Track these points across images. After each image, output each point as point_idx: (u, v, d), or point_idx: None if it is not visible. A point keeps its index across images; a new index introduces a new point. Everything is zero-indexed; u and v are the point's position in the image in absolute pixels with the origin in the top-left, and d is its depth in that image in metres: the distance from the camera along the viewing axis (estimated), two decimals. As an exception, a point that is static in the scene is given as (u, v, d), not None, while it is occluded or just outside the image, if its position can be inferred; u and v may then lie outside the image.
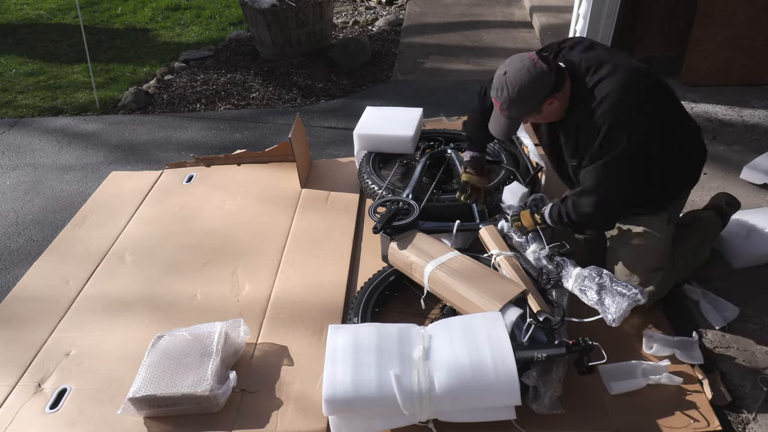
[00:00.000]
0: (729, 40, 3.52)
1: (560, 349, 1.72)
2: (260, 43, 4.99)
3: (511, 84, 1.80)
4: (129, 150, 3.80)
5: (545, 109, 1.87)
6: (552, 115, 1.91)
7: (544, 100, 1.83)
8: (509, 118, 1.91)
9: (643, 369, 1.87)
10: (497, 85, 1.85)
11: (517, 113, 1.88)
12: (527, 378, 1.72)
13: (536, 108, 1.85)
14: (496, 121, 1.98)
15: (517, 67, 1.80)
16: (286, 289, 2.37)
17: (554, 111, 1.89)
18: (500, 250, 2.12)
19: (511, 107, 1.84)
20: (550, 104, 1.85)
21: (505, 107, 1.85)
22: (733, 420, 1.78)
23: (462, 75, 4.56)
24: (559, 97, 1.84)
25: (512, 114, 1.88)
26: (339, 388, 1.64)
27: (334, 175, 3.13)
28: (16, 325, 2.30)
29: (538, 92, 1.80)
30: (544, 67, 1.79)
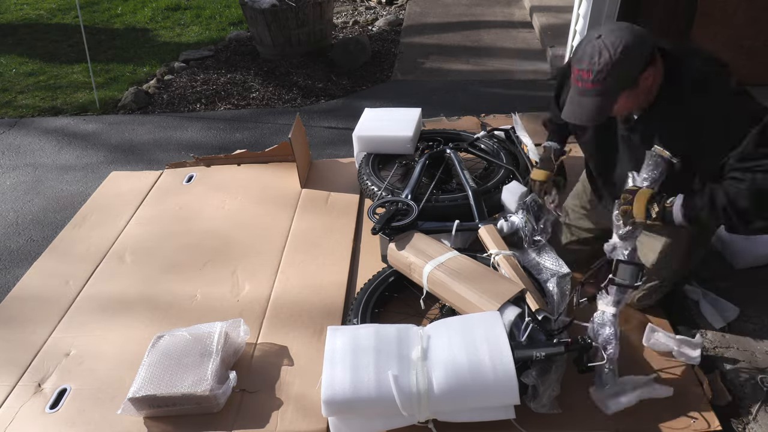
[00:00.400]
0: (729, 40, 3.52)
1: (559, 348, 1.72)
2: (260, 43, 4.99)
3: (612, 45, 1.50)
4: (129, 150, 3.80)
5: (640, 86, 1.57)
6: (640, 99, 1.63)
7: (645, 69, 1.55)
8: (602, 93, 1.56)
9: (634, 383, 1.82)
10: (590, 52, 1.53)
11: (616, 84, 1.54)
12: (526, 377, 1.72)
13: (635, 78, 1.55)
14: (578, 105, 1.61)
15: (613, 28, 1.53)
16: (286, 289, 2.37)
17: (646, 92, 1.61)
18: (499, 249, 2.12)
19: (611, 75, 1.52)
20: (646, 79, 1.57)
21: (602, 77, 1.52)
22: (733, 420, 1.78)
23: (462, 75, 4.56)
24: (656, 71, 1.58)
25: (608, 85, 1.54)
26: (338, 390, 1.64)
27: (334, 175, 3.13)
28: (16, 325, 2.30)
29: (641, 54, 1.53)
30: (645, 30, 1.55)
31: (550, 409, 1.76)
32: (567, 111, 1.66)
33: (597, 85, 1.55)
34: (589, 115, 1.60)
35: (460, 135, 3.03)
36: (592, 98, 1.58)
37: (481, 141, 2.89)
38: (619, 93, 1.58)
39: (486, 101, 3.94)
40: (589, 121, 1.62)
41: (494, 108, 3.71)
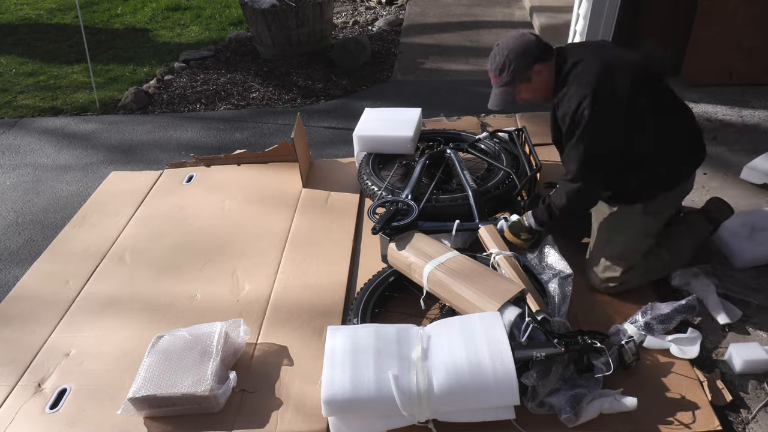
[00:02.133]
0: (729, 40, 3.52)
1: (559, 349, 1.72)
2: (260, 43, 4.99)
3: (502, 49, 2.01)
4: (129, 150, 3.80)
5: (534, 78, 2.02)
6: (541, 87, 2.04)
7: (533, 65, 1.99)
8: (503, 85, 2.04)
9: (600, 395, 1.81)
10: (491, 55, 2.06)
11: (509, 77, 2.02)
12: (526, 378, 1.72)
13: (526, 72, 2.00)
14: (492, 95, 2.10)
15: (507, 37, 2.04)
16: (286, 289, 2.37)
17: (543, 82, 2.03)
18: (499, 249, 2.12)
19: (504, 71, 2.01)
20: (539, 73, 2.00)
21: (497, 73, 2.03)
22: (733, 420, 1.78)
23: (462, 75, 4.56)
24: (547, 67, 2.00)
25: (505, 79, 2.02)
26: (338, 390, 1.64)
27: (334, 175, 3.13)
28: (16, 325, 2.30)
29: (527, 55, 1.98)
30: (532, 37, 2.02)
31: (549, 410, 1.76)
32: (490, 101, 2.12)
33: (497, 79, 2.06)
34: (498, 101, 2.09)
35: (460, 135, 3.03)
36: (499, 89, 2.08)
37: (482, 142, 2.89)
38: (516, 84, 2.04)
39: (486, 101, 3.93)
40: (498, 105, 2.09)
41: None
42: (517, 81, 2.03)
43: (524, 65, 2.00)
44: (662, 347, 1.96)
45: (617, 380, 1.83)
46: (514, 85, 2.05)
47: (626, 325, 2.00)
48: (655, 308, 2.01)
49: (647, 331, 1.97)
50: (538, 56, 1.99)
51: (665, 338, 1.96)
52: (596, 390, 1.79)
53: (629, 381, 1.85)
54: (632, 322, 2.00)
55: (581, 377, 1.82)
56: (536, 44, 2.00)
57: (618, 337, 1.96)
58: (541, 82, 2.03)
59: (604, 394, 1.78)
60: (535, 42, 2.00)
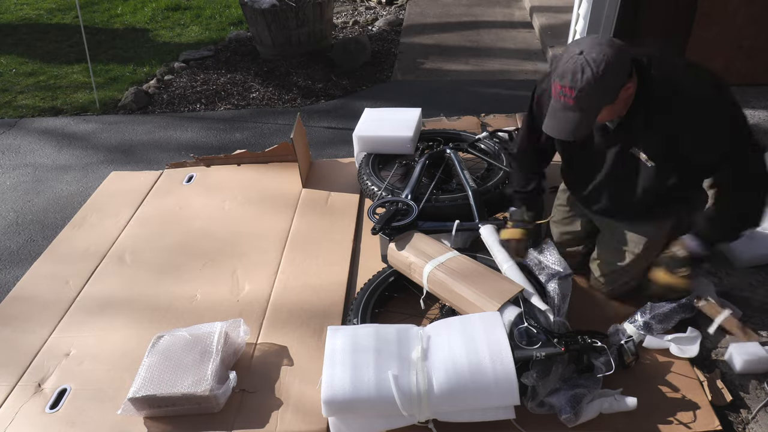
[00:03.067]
0: (729, 40, 3.52)
1: (559, 349, 1.72)
2: (260, 43, 4.99)
3: (594, 61, 1.49)
4: (129, 150, 3.80)
5: (621, 97, 1.59)
6: (619, 109, 1.66)
7: (625, 84, 1.57)
8: (585, 109, 1.56)
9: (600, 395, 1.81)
10: (571, 69, 1.52)
11: (598, 101, 1.56)
12: (526, 378, 1.72)
13: (616, 93, 1.57)
14: (562, 119, 1.61)
15: (594, 44, 1.53)
16: (286, 289, 2.37)
17: (624, 102, 1.64)
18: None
19: (593, 92, 1.52)
20: (626, 90, 1.59)
21: (585, 94, 1.52)
22: (733, 420, 1.78)
23: (462, 75, 4.56)
24: (633, 83, 1.61)
25: (590, 102, 1.55)
26: (338, 390, 1.64)
27: (334, 175, 3.13)
28: (16, 325, 2.30)
29: (622, 70, 1.54)
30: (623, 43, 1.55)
31: (549, 410, 1.76)
32: (549, 125, 1.66)
33: (578, 101, 1.56)
34: (570, 130, 1.61)
35: (460, 135, 3.03)
36: (574, 113, 1.58)
37: (482, 141, 2.89)
38: (601, 109, 1.60)
39: (486, 101, 3.94)
40: (570, 136, 1.62)
41: (494, 108, 3.71)
42: (605, 104, 1.59)
43: (619, 84, 1.56)
44: (662, 347, 1.96)
45: (617, 380, 1.83)
46: (598, 111, 1.59)
47: (625, 325, 2.00)
48: (654, 308, 2.01)
49: (646, 331, 1.97)
50: (630, 70, 1.57)
51: (665, 338, 1.96)
52: (596, 390, 1.79)
53: (629, 381, 1.85)
54: (631, 322, 2.00)
55: (581, 377, 1.82)
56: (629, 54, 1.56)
57: (617, 336, 1.96)
58: (624, 101, 1.63)
59: (604, 394, 1.78)
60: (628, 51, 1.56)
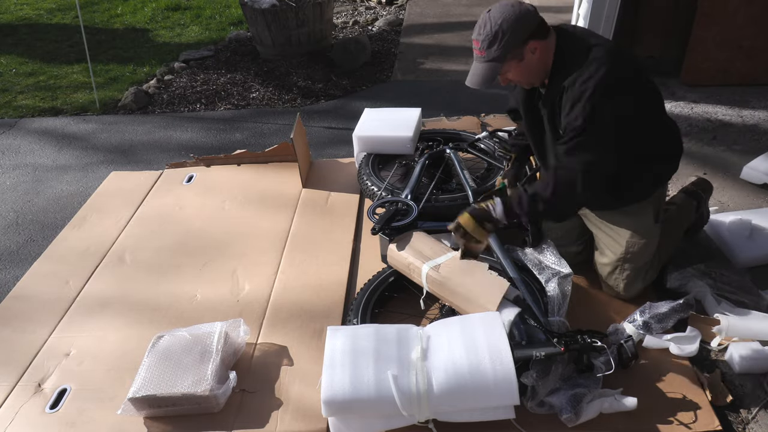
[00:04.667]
0: (729, 40, 3.52)
1: (558, 348, 1.72)
2: (260, 43, 4.99)
3: (493, 17, 1.72)
4: (129, 150, 3.80)
5: (527, 57, 1.76)
6: (532, 69, 1.80)
7: (528, 41, 1.73)
8: (489, 59, 1.75)
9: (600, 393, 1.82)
10: (479, 24, 1.76)
11: (498, 52, 1.73)
12: (526, 378, 1.72)
13: (519, 47, 1.73)
14: (473, 70, 1.81)
15: (501, 5, 1.75)
16: (286, 289, 2.37)
17: (536, 64, 1.78)
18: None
19: (493, 44, 1.72)
20: (532, 51, 1.75)
21: (485, 45, 1.74)
22: (733, 420, 1.78)
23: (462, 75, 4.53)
24: (542, 46, 1.76)
25: (492, 54, 1.74)
26: (337, 390, 1.64)
27: (334, 175, 3.13)
28: (16, 325, 2.30)
29: (522, 27, 1.71)
30: (530, 7, 1.74)
31: (549, 410, 1.76)
32: (468, 78, 1.83)
33: (484, 53, 1.76)
34: (479, 78, 1.79)
35: (460, 135, 3.03)
36: (483, 64, 1.78)
37: (482, 141, 2.89)
38: (505, 61, 1.76)
39: (486, 101, 3.94)
40: (478, 84, 1.79)
41: (494, 108, 3.71)
42: (508, 57, 1.75)
43: (519, 39, 1.72)
44: (661, 346, 1.96)
45: (617, 380, 1.83)
46: (502, 62, 1.76)
47: (625, 325, 2.00)
48: (653, 308, 2.01)
49: (646, 331, 1.97)
50: (536, 31, 1.74)
51: (664, 337, 1.96)
52: (596, 389, 1.79)
53: (629, 381, 1.85)
54: (630, 322, 2.00)
55: (581, 377, 1.82)
56: (534, 17, 1.74)
57: (616, 336, 1.96)
58: (535, 62, 1.77)
59: (604, 394, 1.78)
60: (533, 14, 1.74)
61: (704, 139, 3.21)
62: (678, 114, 3.46)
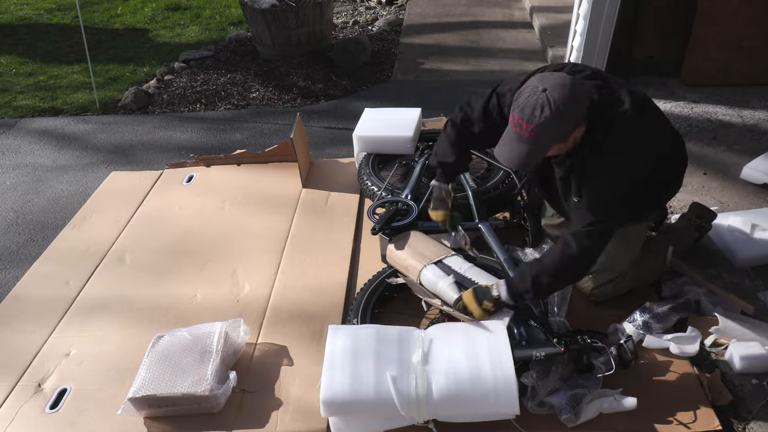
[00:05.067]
0: (729, 40, 3.52)
1: (558, 348, 1.72)
2: (260, 43, 4.99)
3: (554, 101, 1.54)
4: (129, 150, 3.80)
5: (570, 139, 1.64)
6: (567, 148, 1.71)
7: (577, 127, 1.62)
8: (538, 144, 1.61)
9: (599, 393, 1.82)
10: (532, 103, 1.56)
11: (551, 139, 1.61)
12: (526, 378, 1.72)
13: (569, 135, 1.63)
14: (514, 149, 1.64)
15: (558, 85, 1.57)
16: (286, 289, 2.37)
17: (573, 142, 1.69)
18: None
19: (548, 130, 1.57)
20: (577, 132, 1.65)
21: (540, 131, 1.57)
22: (733, 420, 1.78)
23: (462, 75, 4.56)
24: (583, 128, 1.66)
25: (544, 140, 1.60)
26: (337, 391, 1.64)
27: (334, 175, 3.13)
28: (17, 325, 2.30)
29: (577, 113, 1.60)
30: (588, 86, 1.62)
31: (548, 410, 1.76)
32: (500, 151, 1.69)
33: (532, 135, 1.59)
34: (519, 161, 1.65)
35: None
36: (527, 146, 1.62)
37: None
38: (551, 146, 1.65)
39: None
40: (518, 166, 1.67)
41: (494, 108, 3.71)
42: (557, 142, 1.63)
43: (572, 125, 1.60)
44: (661, 346, 1.96)
45: (617, 380, 1.83)
46: (549, 148, 1.64)
47: (625, 325, 2.00)
48: (653, 307, 2.01)
49: (646, 330, 1.97)
50: (585, 116, 1.61)
51: (664, 337, 1.96)
52: (596, 390, 1.79)
53: (629, 381, 1.85)
54: (630, 322, 2.00)
55: (581, 377, 1.82)
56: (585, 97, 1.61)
57: (616, 336, 1.97)
58: (574, 141, 1.67)
59: (603, 394, 1.78)
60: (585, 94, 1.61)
61: (704, 139, 3.21)
62: (678, 114, 3.46)
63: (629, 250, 2.08)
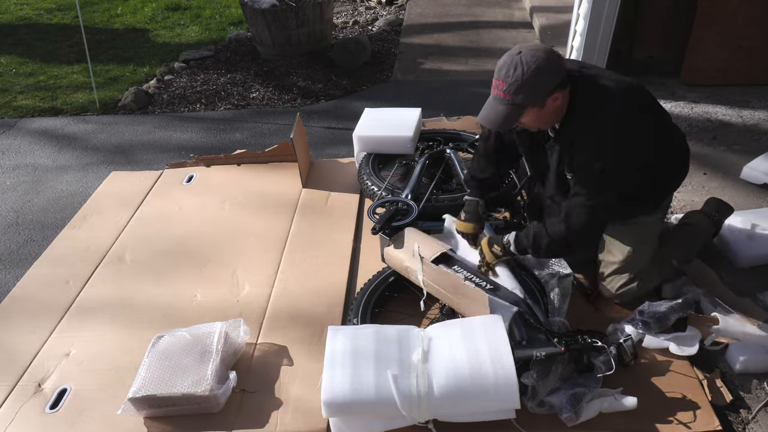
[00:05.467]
0: (729, 40, 3.52)
1: (559, 348, 1.72)
2: (260, 43, 4.99)
3: (527, 62, 1.64)
4: (129, 150, 3.80)
5: (548, 105, 1.72)
6: (549, 116, 1.78)
7: (553, 92, 1.69)
8: (512, 104, 1.69)
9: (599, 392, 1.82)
10: (507, 63, 1.67)
11: (524, 100, 1.68)
12: (526, 378, 1.72)
13: (543, 98, 1.69)
14: (491, 109, 1.74)
15: (533, 48, 1.67)
16: (286, 289, 2.37)
17: (553, 112, 1.76)
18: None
19: (520, 90, 1.66)
20: (554, 101, 1.72)
21: (512, 90, 1.66)
22: (733, 420, 1.78)
23: (462, 75, 4.56)
24: (563, 94, 1.73)
25: (517, 100, 1.68)
26: (338, 391, 1.64)
27: (334, 175, 3.13)
28: (16, 325, 2.30)
29: (552, 77, 1.67)
30: (558, 55, 1.70)
31: (549, 410, 1.76)
32: (482, 114, 1.78)
33: (508, 96, 1.69)
34: (497, 121, 1.74)
35: (460, 135, 3.03)
36: (504, 106, 1.71)
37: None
38: (526, 107, 1.71)
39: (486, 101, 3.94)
40: (495, 126, 1.77)
41: (494, 108, 3.71)
42: (531, 104, 1.71)
43: (545, 90, 1.68)
44: (661, 346, 1.95)
45: (617, 379, 1.83)
46: (523, 108, 1.71)
47: (624, 325, 2.00)
48: (652, 307, 2.01)
49: (645, 330, 1.97)
50: (562, 81, 1.70)
51: (663, 337, 1.96)
52: (596, 389, 1.79)
53: (629, 381, 1.85)
54: (630, 321, 2.00)
55: (581, 376, 1.82)
56: (562, 67, 1.71)
57: (616, 336, 1.97)
58: (553, 111, 1.75)
59: (604, 394, 1.78)
60: (562, 64, 1.71)
61: (704, 139, 3.21)
62: (678, 114, 3.46)
63: (646, 245, 2.08)
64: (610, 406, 1.75)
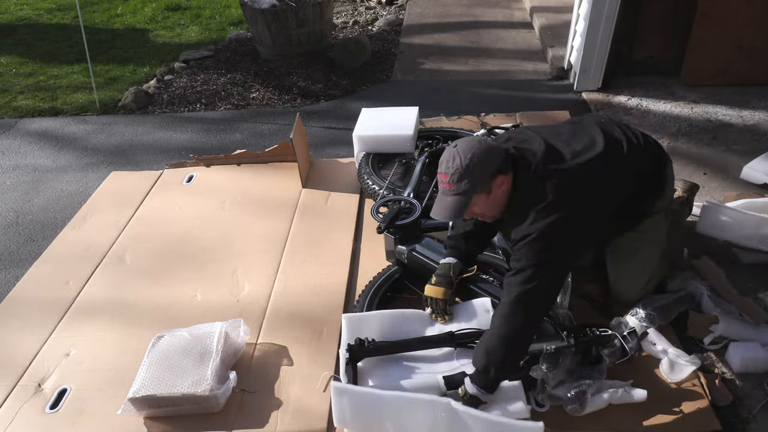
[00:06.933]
0: (729, 40, 3.52)
1: (568, 341, 1.72)
2: (260, 43, 4.99)
3: (462, 151, 1.69)
4: (129, 150, 3.80)
5: (494, 191, 1.72)
6: (498, 202, 1.76)
7: (496, 176, 1.70)
8: (459, 193, 1.70)
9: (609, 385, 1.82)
10: (446, 158, 1.72)
11: (468, 186, 1.69)
12: (535, 371, 1.73)
13: (487, 183, 1.70)
14: (441, 203, 1.75)
15: (468, 139, 1.75)
16: (286, 289, 2.37)
17: (501, 197, 1.74)
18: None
19: (463, 178, 1.68)
20: (500, 185, 1.72)
21: (455, 179, 1.69)
22: (733, 420, 1.78)
23: (462, 75, 4.56)
24: (508, 180, 1.73)
25: (462, 188, 1.69)
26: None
27: (334, 175, 3.13)
28: (16, 325, 2.30)
29: (491, 162, 1.69)
30: (494, 143, 1.77)
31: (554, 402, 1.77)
32: (434, 210, 1.77)
33: (452, 186, 1.71)
34: (448, 212, 1.73)
35: (458, 133, 3.03)
36: (452, 197, 1.72)
37: (481, 141, 2.89)
38: (474, 194, 1.71)
39: (486, 101, 3.94)
40: (449, 217, 1.74)
41: (494, 108, 3.71)
42: (477, 191, 1.70)
43: (487, 174, 1.69)
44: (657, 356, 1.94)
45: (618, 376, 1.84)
46: (471, 196, 1.71)
47: (628, 318, 2.00)
48: (655, 300, 2.01)
49: (649, 323, 1.97)
50: (502, 165, 1.71)
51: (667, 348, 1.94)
52: (600, 380, 1.79)
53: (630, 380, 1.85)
54: (633, 315, 2.00)
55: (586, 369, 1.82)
56: (500, 152, 1.73)
57: (619, 329, 1.95)
58: (501, 195, 1.74)
59: (611, 385, 1.79)
60: (499, 149, 1.74)
61: (704, 139, 3.21)
62: (678, 114, 3.46)
63: (654, 246, 2.05)
64: (620, 398, 1.76)
